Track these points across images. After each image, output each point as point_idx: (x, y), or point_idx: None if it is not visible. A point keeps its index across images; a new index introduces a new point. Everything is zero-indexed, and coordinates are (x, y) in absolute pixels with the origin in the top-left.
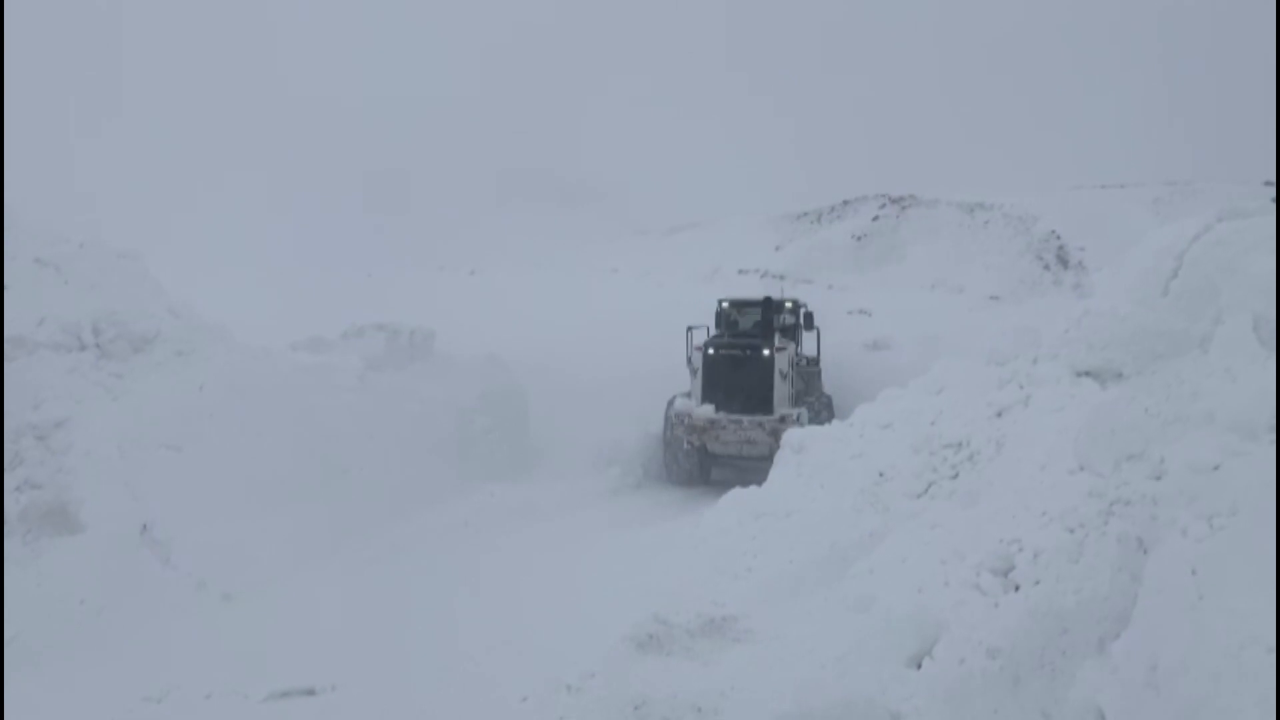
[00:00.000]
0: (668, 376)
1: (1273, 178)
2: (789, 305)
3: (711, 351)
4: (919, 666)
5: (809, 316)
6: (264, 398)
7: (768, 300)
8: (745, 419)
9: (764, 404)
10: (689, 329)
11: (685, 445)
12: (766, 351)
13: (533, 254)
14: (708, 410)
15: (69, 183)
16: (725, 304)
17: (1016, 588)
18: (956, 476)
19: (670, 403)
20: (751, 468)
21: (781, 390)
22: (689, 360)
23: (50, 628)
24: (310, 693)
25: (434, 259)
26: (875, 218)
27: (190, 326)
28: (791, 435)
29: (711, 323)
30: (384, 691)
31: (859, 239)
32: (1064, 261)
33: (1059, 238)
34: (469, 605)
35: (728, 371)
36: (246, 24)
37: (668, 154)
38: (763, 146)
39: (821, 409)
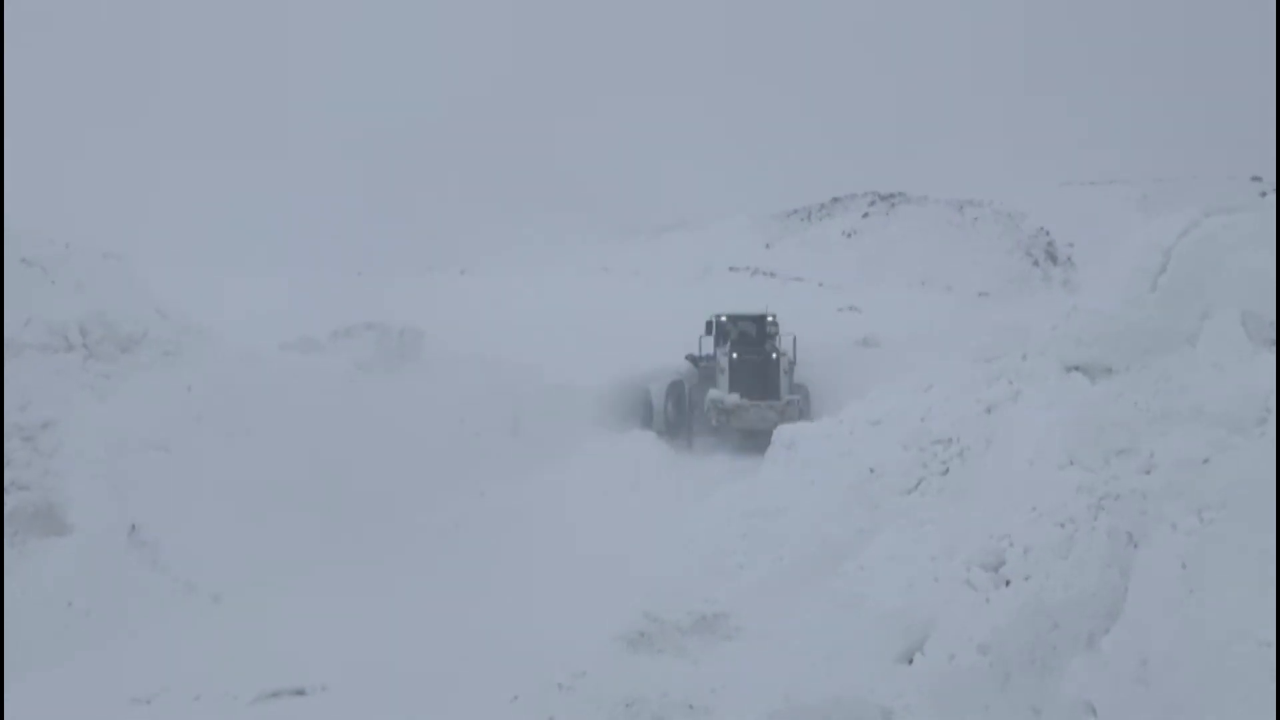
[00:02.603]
0: (660, 375)
1: (1259, 172)
2: (770, 318)
3: (736, 355)
4: (909, 663)
5: (776, 325)
6: (253, 398)
7: (763, 317)
8: (762, 403)
9: (774, 391)
10: (701, 338)
11: (714, 422)
12: (775, 355)
13: (524, 253)
14: (734, 397)
15: (55, 182)
16: (723, 318)
17: (1007, 583)
18: (946, 473)
19: (676, 386)
20: (762, 437)
21: (784, 382)
22: (700, 359)
23: (38, 630)
24: (300, 693)
25: (425, 258)
26: (865, 215)
27: (178, 327)
28: (782, 432)
29: (703, 329)
30: (374, 692)
31: (849, 236)
32: (1053, 258)
33: (1048, 234)
34: (459, 605)
35: (748, 369)
36: (238, 23)
37: (658, 153)
38: (753, 145)
39: (802, 396)
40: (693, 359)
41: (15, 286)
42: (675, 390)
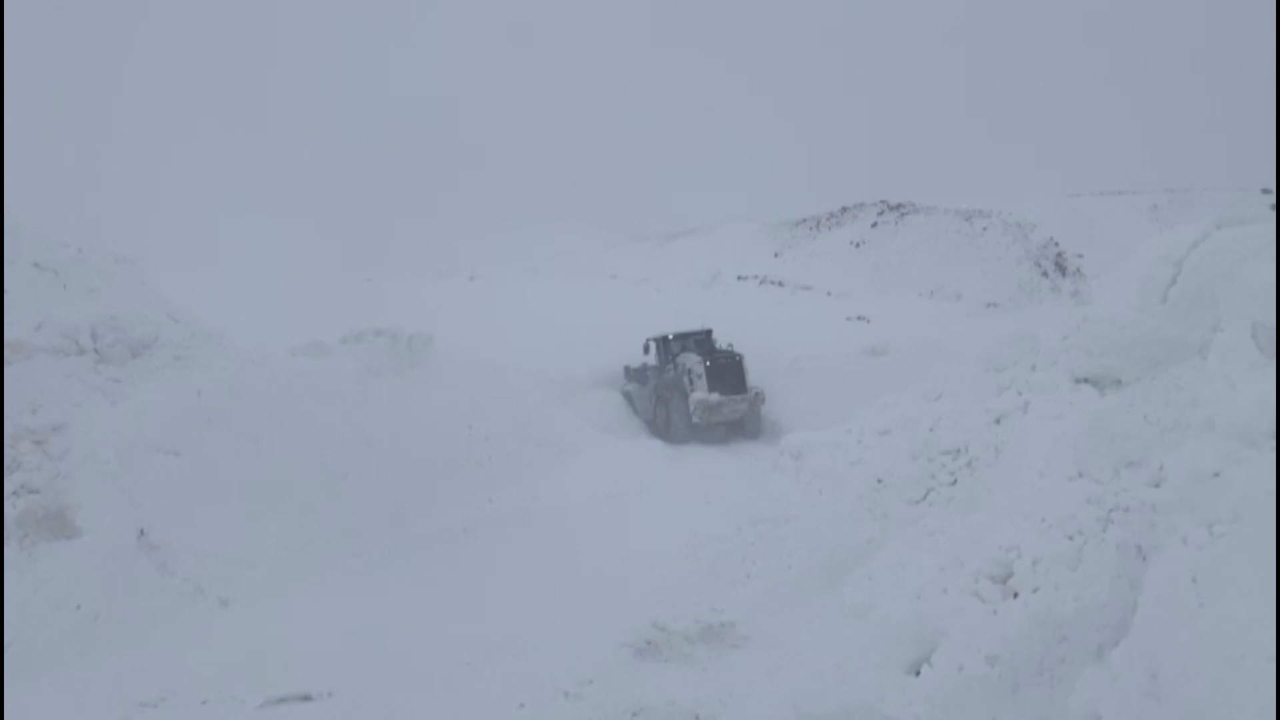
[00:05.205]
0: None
1: (1269, 185)
2: (711, 331)
3: (709, 363)
4: (917, 674)
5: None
6: (262, 403)
7: (708, 331)
8: (735, 398)
9: (742, 388)
10: (657, 351)
11: (696, 419)
12: (739, 358)
13: (532, 260)
14: (715, 396)
15: (68, 188)
16: (670, 336)
17: (1015, 595)
18: (955, 483)
19: (626, 397)
20: (734, 425)
21: (747, 379)
22: (638, 371)
23: (47, 633)
24: (307, 699)
25: (435, 264)
26: (874, 224)
27: (189, 331)
28: (790, 441)
29: (641, 349)
30: (380, 698)
31: (857, 245)
32: (1062, 268)
33: (1057, 245)
34: (466, 611)
35: (720, 371)
36: (248, 28)
37: (667, 161)
38: (762, 154)
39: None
40: (629, 371)
41: (28, 290)
42: (626, 401)
